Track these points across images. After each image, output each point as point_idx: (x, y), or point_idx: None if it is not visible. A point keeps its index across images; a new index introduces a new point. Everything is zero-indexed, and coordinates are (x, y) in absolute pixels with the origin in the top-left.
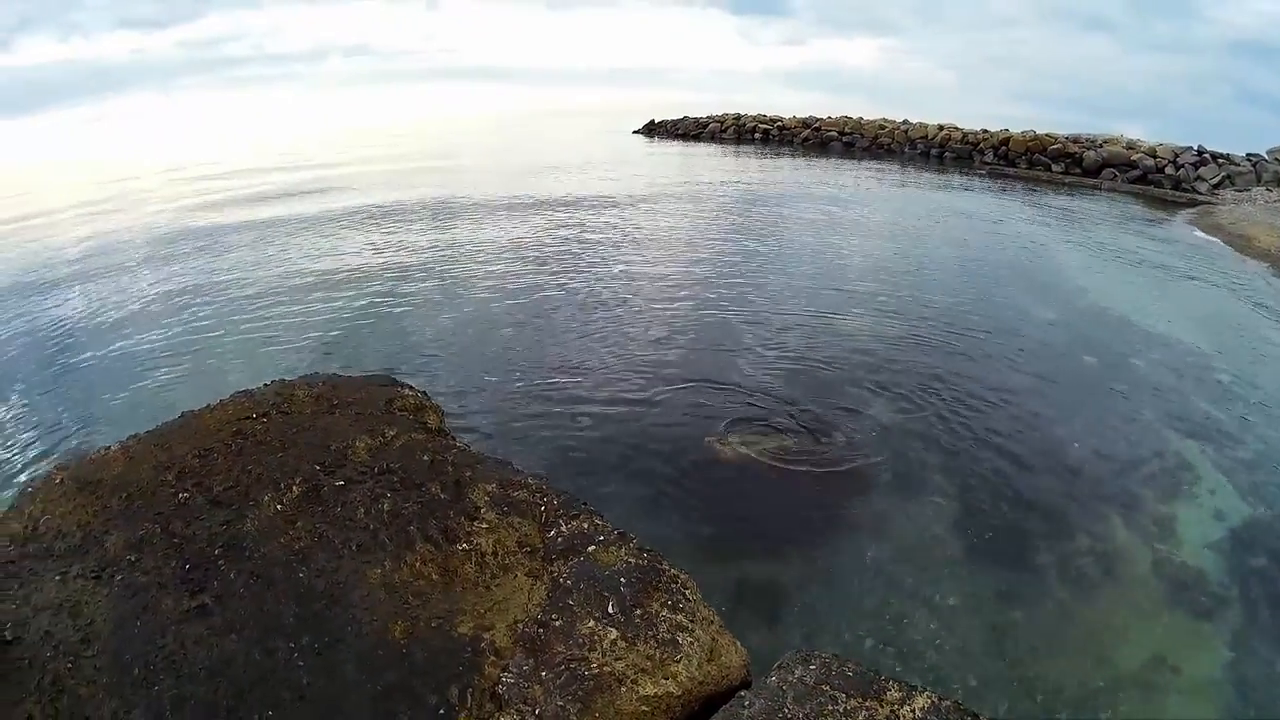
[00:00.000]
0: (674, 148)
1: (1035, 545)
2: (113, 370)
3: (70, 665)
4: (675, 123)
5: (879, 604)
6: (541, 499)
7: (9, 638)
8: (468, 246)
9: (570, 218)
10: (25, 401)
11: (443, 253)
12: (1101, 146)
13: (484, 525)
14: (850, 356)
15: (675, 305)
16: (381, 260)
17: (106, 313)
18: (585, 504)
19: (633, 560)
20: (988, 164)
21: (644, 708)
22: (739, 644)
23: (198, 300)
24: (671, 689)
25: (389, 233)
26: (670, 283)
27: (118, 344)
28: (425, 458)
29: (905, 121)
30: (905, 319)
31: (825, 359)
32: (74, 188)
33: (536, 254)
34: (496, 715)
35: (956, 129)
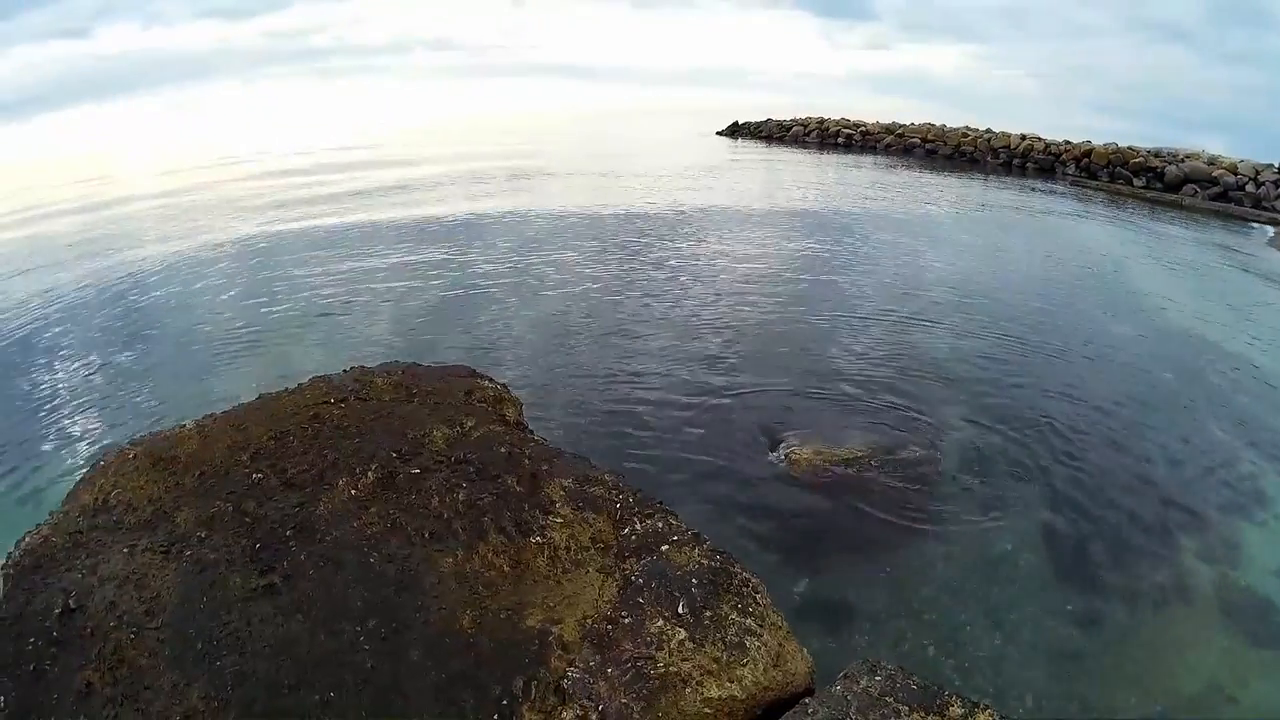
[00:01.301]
0: (757, 150)
1: (1101, 563)
2: (190, 352)
3: (133, 636)
4: (759, 125)
5: (942, 616)
6: (617, 496)
7: (73, 606)
8: (548, 244)
9: (652, 217)
10: (103, 380)
11: (523, 251)
12: (1183, 162)
13: (558, 520)
14: (925, 366)
15: (753, 309)
16: (461, 255)
17: (186, 297)
18: (660, 503)
19: (705, 561)
20: (1070, 176)
21: (707, 710)
22: (805, 651)
23: (277, 287)
24: (736, 693)
25: (469, 229)
26: (749, 286)
27: (196, 327)
28: (502, 450)
29: (988, 130)
30: (982, 330)
31: (900, 368)
32: (158, 174)
33: (617, 256)
34: (559, 709)
35: (1039, 139)
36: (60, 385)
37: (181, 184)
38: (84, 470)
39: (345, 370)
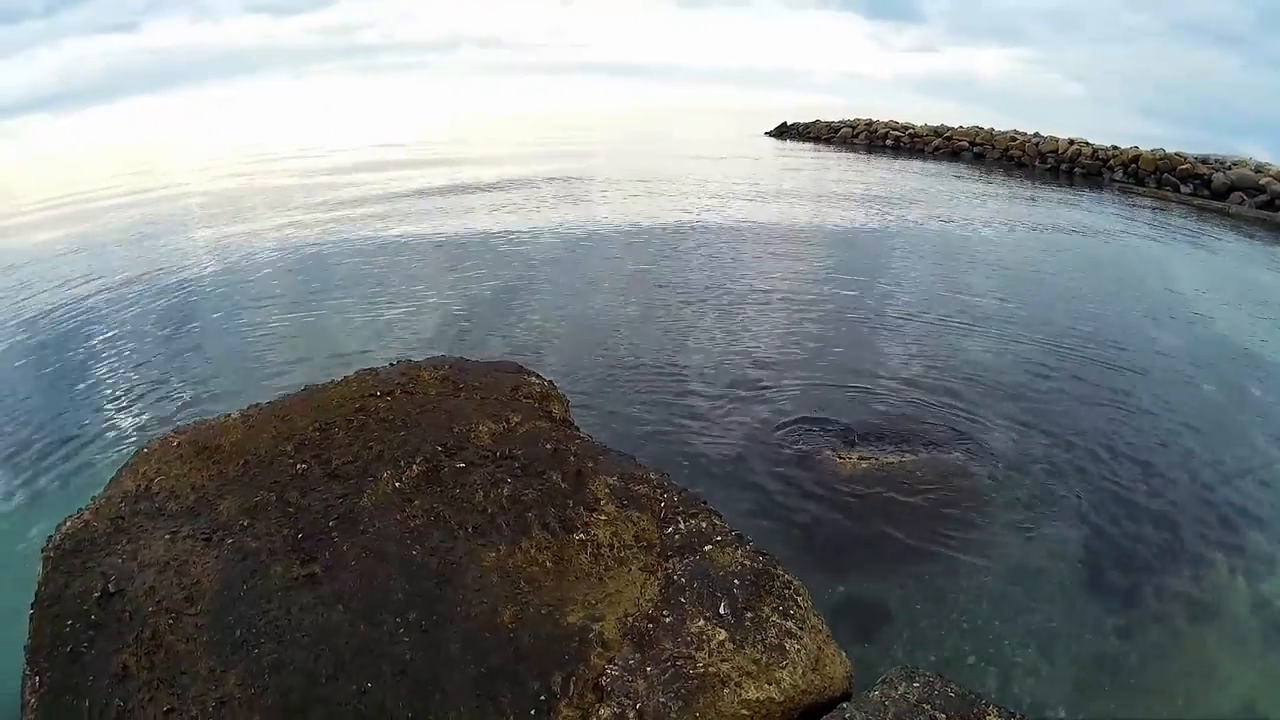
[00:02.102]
0: (805, 151)
1: (1139, 577)
2: (236, 343)
3: (172, 621)
4: (807, 126)
5: (982, 624)
6: (662, 495)
7: (112, 590)
8: (596, 244)
9: (699, 219)
10: (147, 369)
11: (570, 248)
12: (1230, 169)
13: (602, 517)
14: (969, 371)
15: (801, 313)
16: (507, 251)
17: (232, 289)
18: (705, 503)
19: (748, 563)
20: (1117, 182)
21: (744, 711)
22: (844, 655)
23: (324, 280)
24: (774, 695)
25: (516, 225)
26: (796, 289)
27: (242, 319)
28: (548, 446)
29: (1036, 134)
30: (1027, 336)
31: (945, 372)
32: (204, 168)
33: (666, 257)
34: (597, 706)
35: (1086, 144)
36: (105, 373)
37: (228, 177)
38: (127, 457)
39: (392, 363)
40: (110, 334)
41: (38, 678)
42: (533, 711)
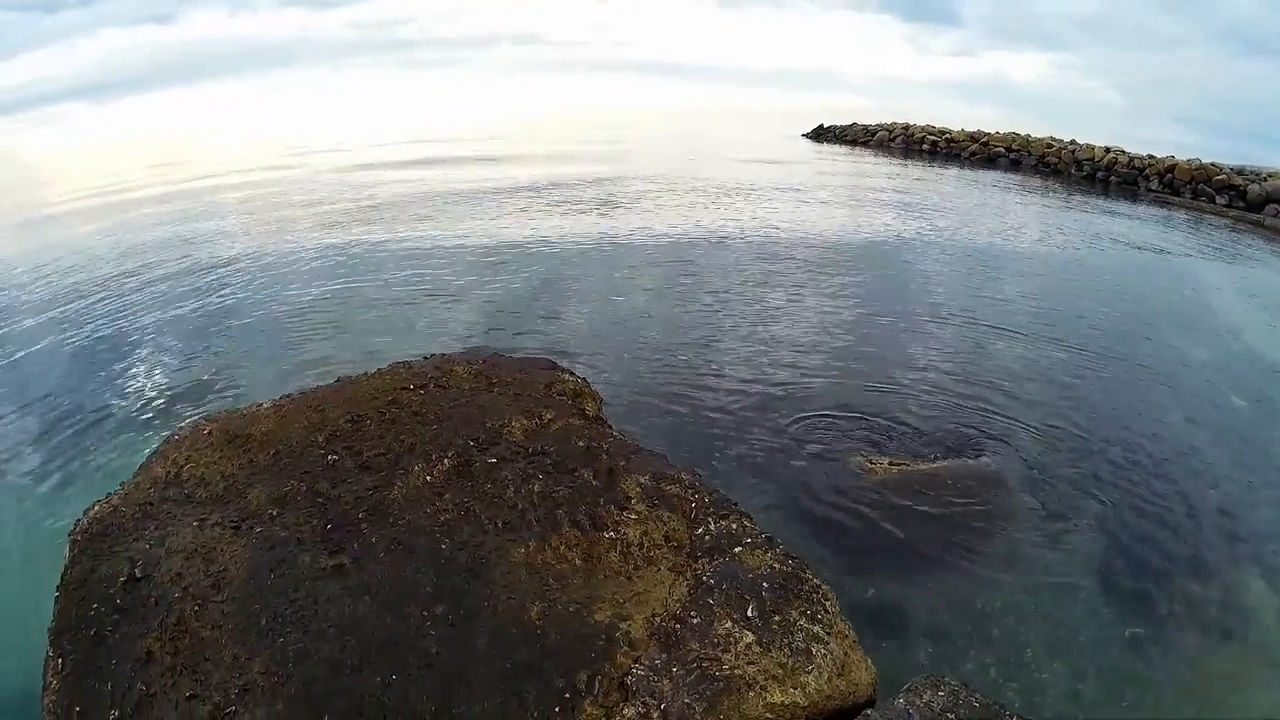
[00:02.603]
0: (842, 154)
1: (1167, 590)
2: (270, 334)
3: (197, 608)
4: (844, 129)
5: (1007, 635)
6: (693, 495)
7: (138, 575)
8: (631, 242)
9: (737, 222)
10: (180, 357)
11: (605, 247)
12: (1266, 180)
13: (633, 516)
14: (1000, 379)
15: (834, 314)
16: (542, 249)
17: (268, 279)
18: (735, 504)
19: (777, 566)
20: (1152, 191)
21: (769, 715)
22: (869, 661)
23: (359, 271)
24: (799, 699)
25: (552, 225)
26: (831, 290)
27: (276, 309)
28: (580, 443)
29: (1073, 142)
30: (1058, 345)
31: (976, 380)
32: (241, 160)
33: (701, 259)
34: (621, 705)
35: (1123, 152)
36: (138, 360)
37: (264, 170)
38: (157, 443)
39: (426, 357)
40: (144, 322)
41: (60, 660)
42: (557, 709)
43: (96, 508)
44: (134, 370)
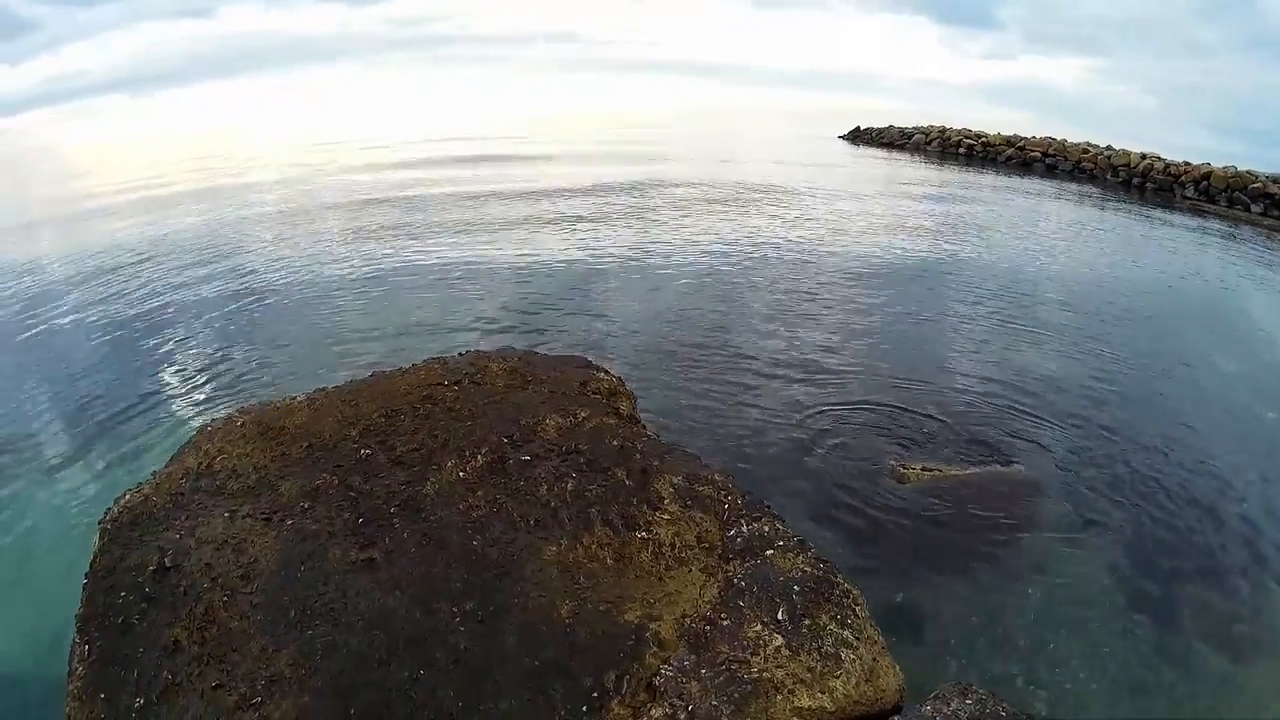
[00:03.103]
0: (878, 157)
1: (1191, 604)
2: (304, 327)
3: (226, 599)
4: (880, 131)
5: (1035, 645)
6: (726, 497)
7: (168, 564)
8: (667, 243)
9: (774, 226)
10: (214, 349)
11: (642, 248)
12: None
13: (665, 516)
14: (1034, 386)
15: (872, 319)
16: (579, 248)
17: (303, 274)
18: (768, 506)
19: (808, 569)
20: (1188, 199)
21: (796, 719)
22: (897, 667)
23: (394, 268)
24: (826, 704)
25: (588, 226)
26: (868, 296)
27: (311, 303)
28: (614, 442)
29: (1109, 147)
30: (1092, 353)
31: (1010, 386)
32: (278, 154)
33: (738, 260)
34: (649, 706)
35: (1159, 159)
36: (173, 351)
37: (301, 164)
38: (190, 434)
39: (461, 353)
40: (179, 313)
41: (87, 646)
42: (584, 708)
43: (128, 497)
44: (168, 361)
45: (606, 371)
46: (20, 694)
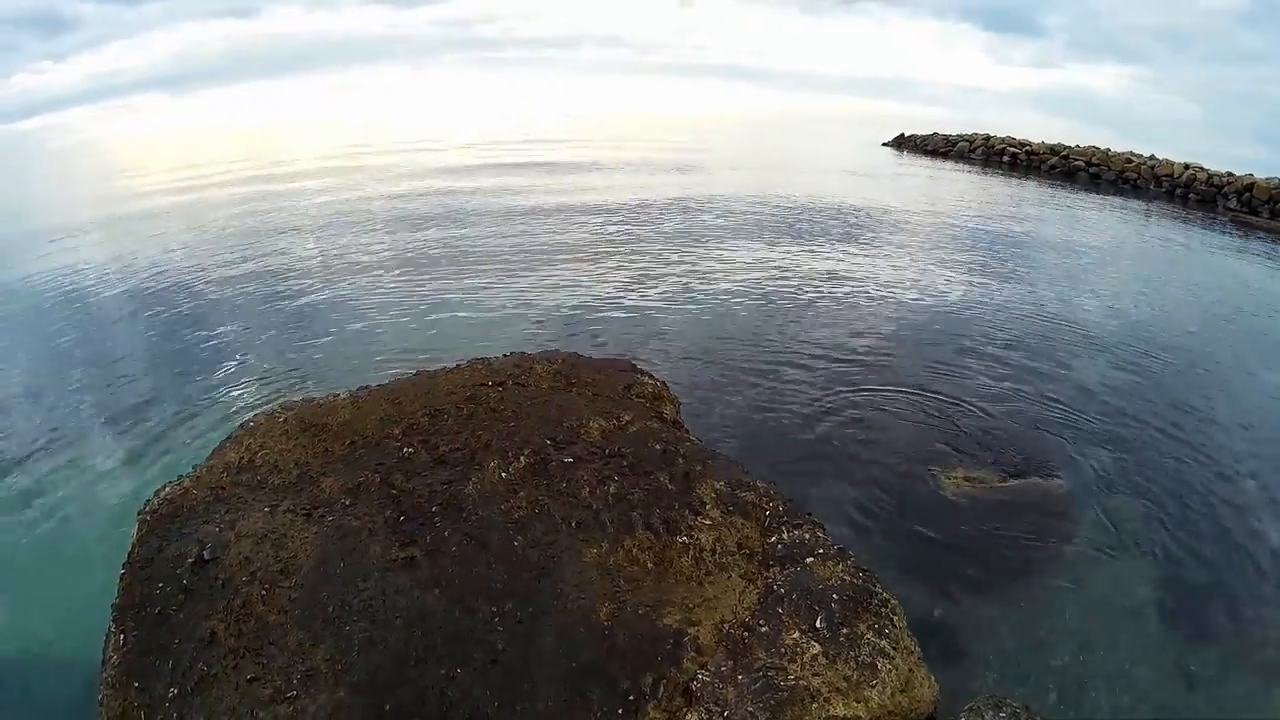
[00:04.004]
0: (922, 164)
1: (1227, 625)
2: (348, 324)
3: (264, 592)
4: (925, 138)
5: (1069, 660)
6: (767, 503)
7: (207, 557)
8: (714, 248)
9: (816, 230)
10: (260, 343)
11: (686, 252)
12: None
13: (707, 521)
14: (1076, 396)
15: (910, 329)
16: (625, 253)
17: (345, 273)
18: (809, 514)
19: (848, 578)
20: (1231, 210)
21: None
22: (933, 679)
23: (438, 268)
24: (861, 713)
25: (634, 230)
26: (913, 303)
27: (354, 302)
28: (657, 447)
29: (1152, 157)
30: (1133, 366)
31: (1052, 395)
32: (322, 153)
33: (781, 268)
34: (685, 710)
35: (1202, 169)
36: (214, 346)
37: (345, 164)
38: (231, 429)
39: (505, 354)
40: (223, 310)
41: (122, 635)
42: (620, 710)
43: (167, 489)
44: (210, 356)
45: (651, 376)
46: (55, 682)
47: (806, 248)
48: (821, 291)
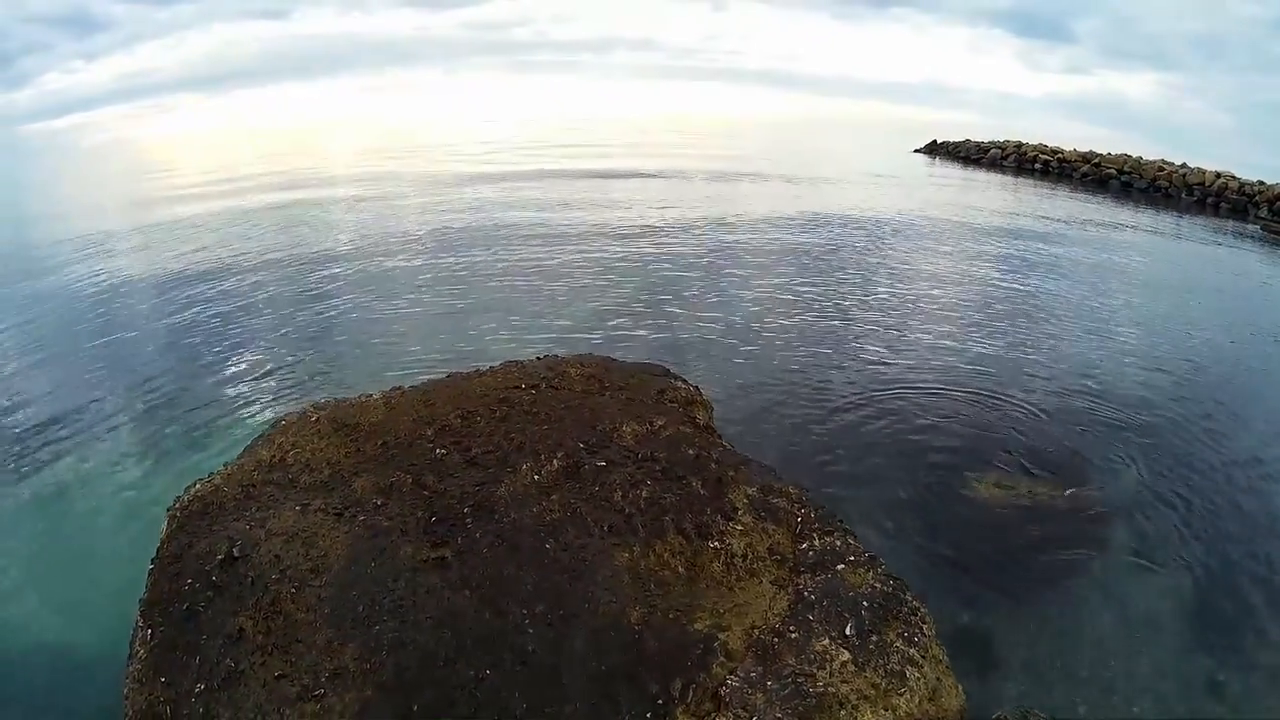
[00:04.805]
0: (954, 171)
1: (1259, 639)
2: (381, 325)
3: (294, 591)
4: (957, 145)
5: (1098, 673)
6: (799, 510)
7: (237, 554)
8: (744, 254)
9: (850, 235)
10: (293, 343)
11: (718, 258)
12: None
13: (738, 527)
14: (1111, 406)
15: (943, 337)
16: (657, 259)
17: (378, 274)
18: (840, 520)
19: (878, 585)
20: (1262, 219)
21: None
22: (960, 688)
23: (471, 271)
24: None
25: (667, 237)
26: (945, 310)
27: (387, 304)
28: (690, 451)
29: (1183, 165)
30: (1169, 379)
31: (1086, 405)
32: (355, 153)
33: (814, 273)
34: (714, 715)
35: (1233, 178)
36: (247, 345)
37: (377, 165)
38: (263, 428)
39: (539, 357)
40: (256, 309)
41: (149, 631)
42: (649, 715)
43: (198, 486)
44: (242, 355)
45: (684, 380)
46: (81, 675)
47: (840, 259)
48: (856, 298)
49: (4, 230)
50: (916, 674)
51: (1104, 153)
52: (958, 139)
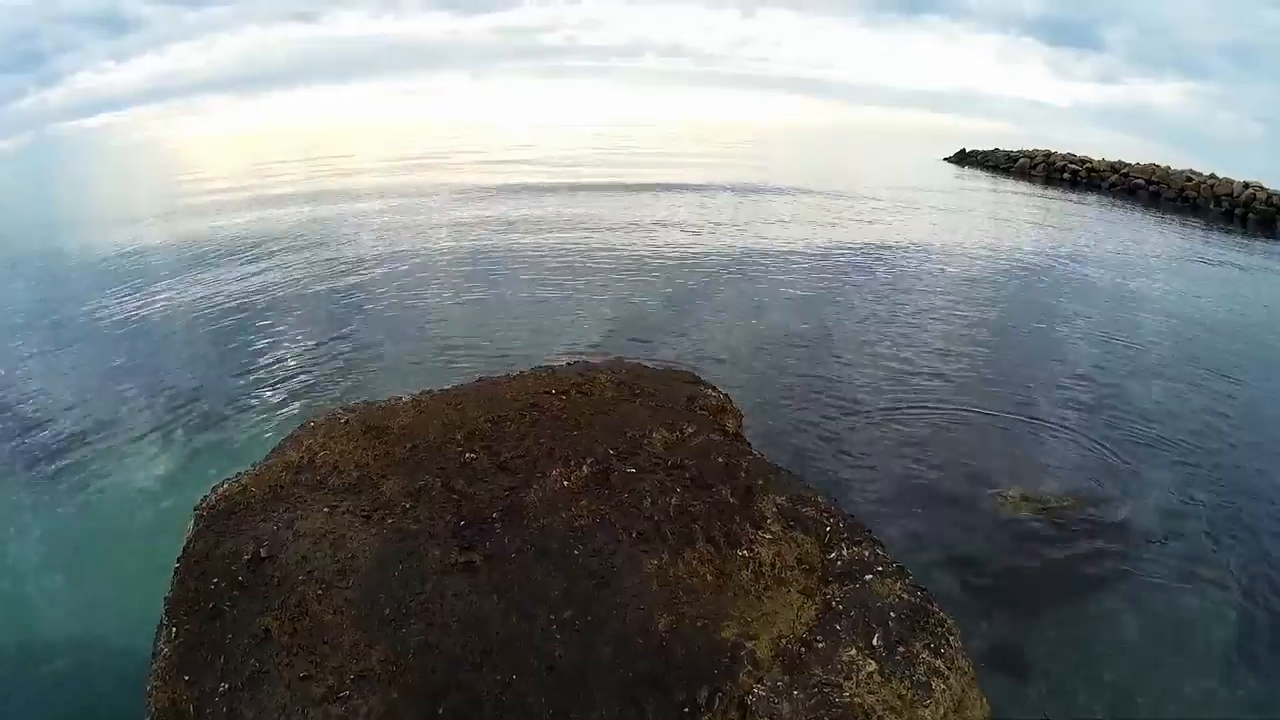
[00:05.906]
0: (983, 181)
1: None
2: (411, 329)
3: (320, 592)
4: (986, 154)
5: (1123, 684)
6: (827, 519)
7: (264, 555)
8: (772, 262)
9: (877, 246)
10: (322, 345)
11: (747, 267)
12: None
13: (767, 536)
14: (1136, 415)
15: (972, 346)
16: (689, 267)
17: (408, 278)
18: (869, 530)
19: (906, 596)
20: None
21: None
22: (985, 699)
23: (501, 275)
24: None
25: (698, 244)
26: (970, 323)
27: (417, 308)
28: (720, 460)
29: (1212, 175)
30: (1195, 387)
31: (1112, 414)
32: (386, 157)
33: (842, 283)
34: None
35: (1262, 188)
36: (276, 346)
37: (407, 168)
38: (291, 428)
39: (569, 363)
40: (284, 311)
41: (174, 629)
42: None
43: (225, 486)
44: (270, 356)
45: (714, 388)
46: (104, 673)
47: (870, 270)
48: (885, 308)
49: (36, 231)
50: (942, 685)
51: (1132, 162)
52: (986, 148)
